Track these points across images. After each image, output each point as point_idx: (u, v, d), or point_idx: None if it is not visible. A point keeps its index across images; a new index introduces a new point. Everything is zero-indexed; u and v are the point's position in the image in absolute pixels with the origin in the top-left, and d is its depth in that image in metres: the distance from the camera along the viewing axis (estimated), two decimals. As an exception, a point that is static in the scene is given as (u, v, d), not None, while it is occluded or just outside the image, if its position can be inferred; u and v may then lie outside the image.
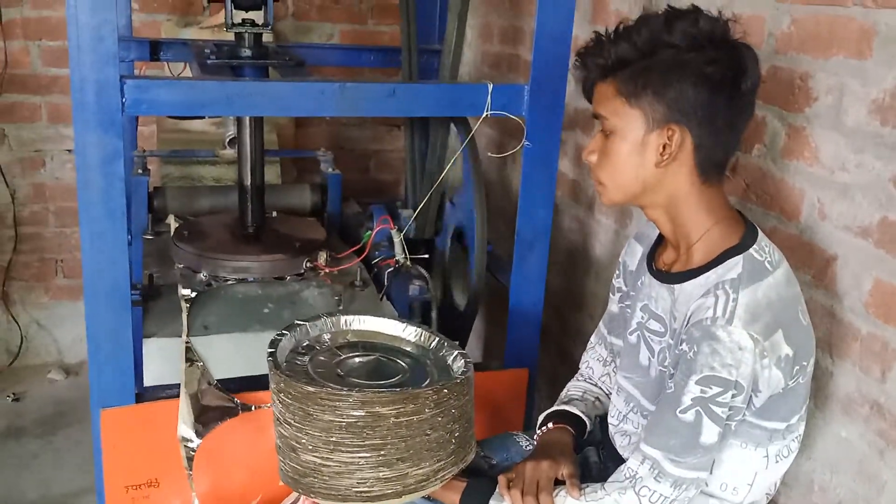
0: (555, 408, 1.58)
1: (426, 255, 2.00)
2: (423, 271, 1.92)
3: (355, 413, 1.26)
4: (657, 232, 1.43)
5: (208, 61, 1.80)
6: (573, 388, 1.64)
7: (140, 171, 2.15)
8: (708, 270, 1.29)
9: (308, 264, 2.02)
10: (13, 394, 3.13)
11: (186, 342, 1.67)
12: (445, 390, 1.33)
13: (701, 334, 1.22)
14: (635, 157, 1.30)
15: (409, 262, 1.93)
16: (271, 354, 1.39)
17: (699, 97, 1.24)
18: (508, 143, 2.59)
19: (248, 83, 1.57)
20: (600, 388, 1.63)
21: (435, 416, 1.31)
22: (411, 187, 2.18)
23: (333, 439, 1.27)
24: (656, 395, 1.36)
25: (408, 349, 1.54)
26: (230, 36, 2.96)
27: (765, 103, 1.62)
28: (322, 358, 1.46)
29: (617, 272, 1.58)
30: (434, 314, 1.89)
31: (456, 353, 1.48)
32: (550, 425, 1.53)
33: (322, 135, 3.44)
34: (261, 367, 1.71)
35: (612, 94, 1.30)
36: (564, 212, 2.56)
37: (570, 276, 2.54)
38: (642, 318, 1.42)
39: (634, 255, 1.52)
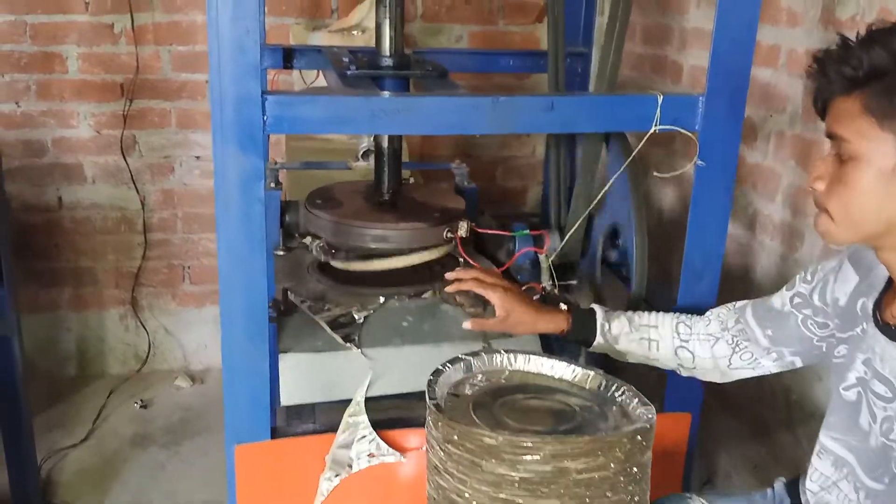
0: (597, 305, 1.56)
1: (574, 282, 1.82)
2: (571, 300, 1.75)
3: (537, 467, 1.11)
4: (887, 275, 1.21)
5: (348, 72, 1.68)
6: (658, 315, 1.54)
7: (272, 184, 2.06)
8: None
9: (448, 234, 1.88)
10: (141, 400, 3.13)
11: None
12: (639, 437, 1.17)
13: None
14: (880, 189, 1.09)
15: (556, 291, 1.76)
16: (432, 397, 1.25)
17: None
18: (656, 158, 2.38)
19: (395, 99, 1.44)
20: (681, 339, 1.49)
21: (618, 473, 1.15)
22: (554, 205, 2.01)
23: (503, 496, 1.13)
24: (876, 468, 1.15)
25: (574, 391, 1.38)
26: (359, 40, 2.89)
27: None
28: (480, 400, 1.32)
29: (808, 277, 1.36)
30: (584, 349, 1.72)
31: (634, 397, 1.31)
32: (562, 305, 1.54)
33: (447, 143, 3.32)
34: (401, 383, 1.60)
35: (858, 111, 1.09)
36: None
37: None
38: (864, 374, 1.21)
39: (846, 282, 1.29)
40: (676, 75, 2.62)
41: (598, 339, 1.55)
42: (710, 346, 1.48)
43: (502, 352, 1.42)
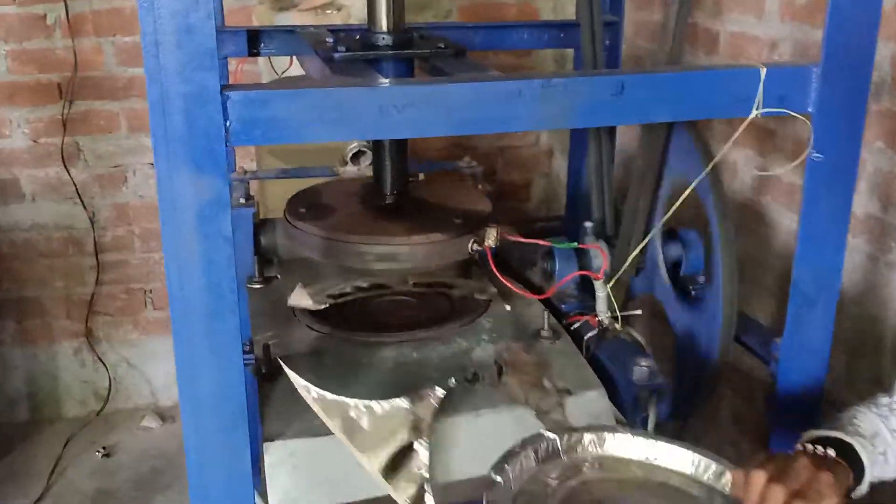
0: (834, 433, 1.09)
1: (638, 312, 1.43)
2: (640, 339, 1.36)
3: None
4: None
5: (336, 55, 1.27)
6: (864, 417, 1.14)
7: (243, 199, 1.65)
8: None
9: (474, 247, 1.46)
10: (103, 448, 2.74)
11: None
12: None
13: None
14: None
15: (618, 326, 1.37)
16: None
17: None
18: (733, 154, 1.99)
19: (409, 87, 1.03)
20: None
21: None
22: (598, 211, 1.62)
23: None
24: None
25: (671, 480, 1.01)
26: (336, 19, 2.48)
27: None
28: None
29: None
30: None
31: None
32: (832, 452, 1.06)
33: (439, 131, 2.92)
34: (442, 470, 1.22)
35: None
36: (780, 223, 1.97)
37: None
38: None
39: None
40: (711, 45, 2.24)
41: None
42: None
43: (584, 431, 1.05)
